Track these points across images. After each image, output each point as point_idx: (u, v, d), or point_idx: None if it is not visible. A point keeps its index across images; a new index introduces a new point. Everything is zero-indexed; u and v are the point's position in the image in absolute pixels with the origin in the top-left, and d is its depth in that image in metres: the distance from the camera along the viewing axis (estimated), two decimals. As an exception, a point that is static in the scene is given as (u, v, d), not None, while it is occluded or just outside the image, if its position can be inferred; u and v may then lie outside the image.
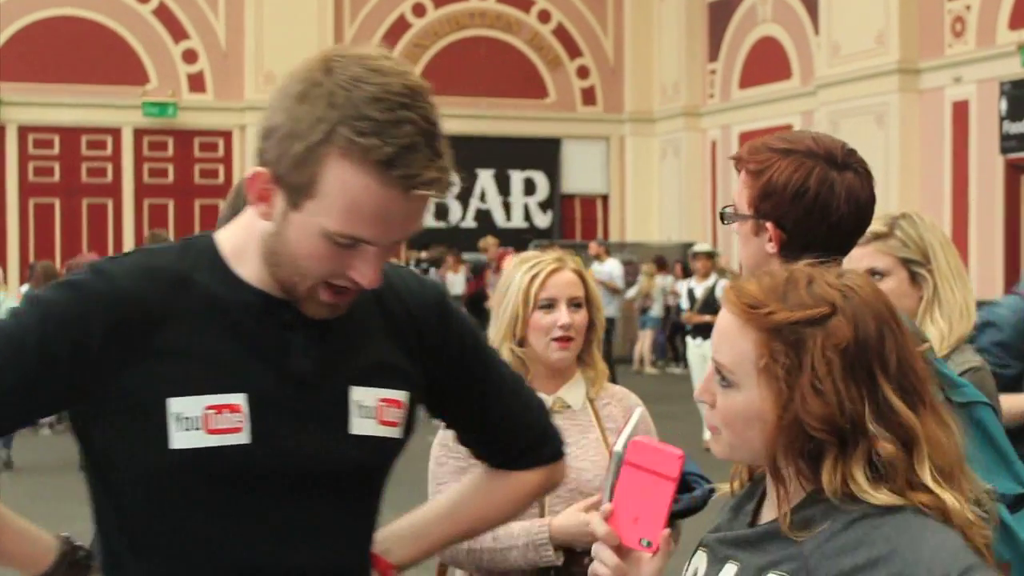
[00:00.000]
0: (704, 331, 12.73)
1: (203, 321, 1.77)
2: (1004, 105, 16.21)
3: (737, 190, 2.39)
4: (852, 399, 1.60)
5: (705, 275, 13.94)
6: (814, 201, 2.27)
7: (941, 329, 3.07)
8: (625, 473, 1.71)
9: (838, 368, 1.60)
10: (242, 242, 1.82)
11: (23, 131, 21.63)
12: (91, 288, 1.75)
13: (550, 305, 3.04)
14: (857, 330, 1.62)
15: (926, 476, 1.61)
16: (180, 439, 1.72)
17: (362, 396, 1.85)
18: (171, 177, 22.34)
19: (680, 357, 18.53)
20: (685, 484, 2.88)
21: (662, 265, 20.32)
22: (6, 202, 21.63)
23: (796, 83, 20.47)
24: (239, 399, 1.76)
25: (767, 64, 21.22)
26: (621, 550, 1.70)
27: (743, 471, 1.83)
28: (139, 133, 22.16)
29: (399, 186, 1.66)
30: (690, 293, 14.12)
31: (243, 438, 1.75)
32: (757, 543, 1.68)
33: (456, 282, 18.80)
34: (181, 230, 22.05)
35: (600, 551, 1.70)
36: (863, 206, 2.33)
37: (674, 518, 2.86)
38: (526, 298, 3.04)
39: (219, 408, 1.74)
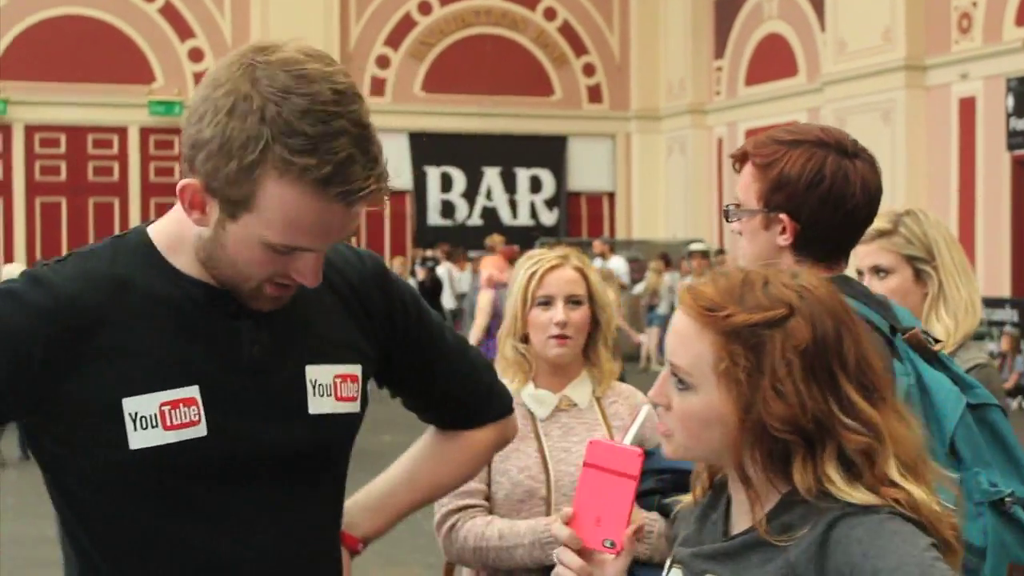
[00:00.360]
0: None
1: (147, 319, 1.75)
2: (1011, 101, 16.19)
3: (742, 186, 2.37)
4: (814, 399, 1.59)
5: (701, 275, 13.63)
6: (829, 190, 2.27)
7: (947, 326, 3.06)
8: (585, 475, 1.71)
9: (798, 369, 1.59)
10: (176, 234, 1.80)
11: (29, 130, 21.67)
12: (29, 299, 1.72)
13: (547, 302, 3.03)
14: (815, 330, 1.61)
15: (892, 471, 1.61)
16: (138, 439, 1.71)
17: (317, 374, 1.85)
18: (177, 176, 22.25)
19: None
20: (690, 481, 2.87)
21: (668, 262, 20.31)
22: (13, 201, 21.67)
23: (802, 80, 20.45)
24: (193, 392, 1.74)
25: (773, 61, 21.20)
26: (584, 552, 1.70)
27: (704, 476, 1.80)
28: (145, 132, 22.20)
29: (338, 201, 1.65)
30: None
31: (201, 431, 1.73)
32: (736, 555, 1.66)
33: (463, 279, 18.81)
34: (187, 229, 22.09)
35: (563, 554, 1.70)
36: (874, 195, 2.33)
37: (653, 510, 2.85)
38: (524, 295, 3.05)
39: (174, 403, 1.72)
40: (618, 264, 19.16)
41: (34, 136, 21.72)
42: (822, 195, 2.27)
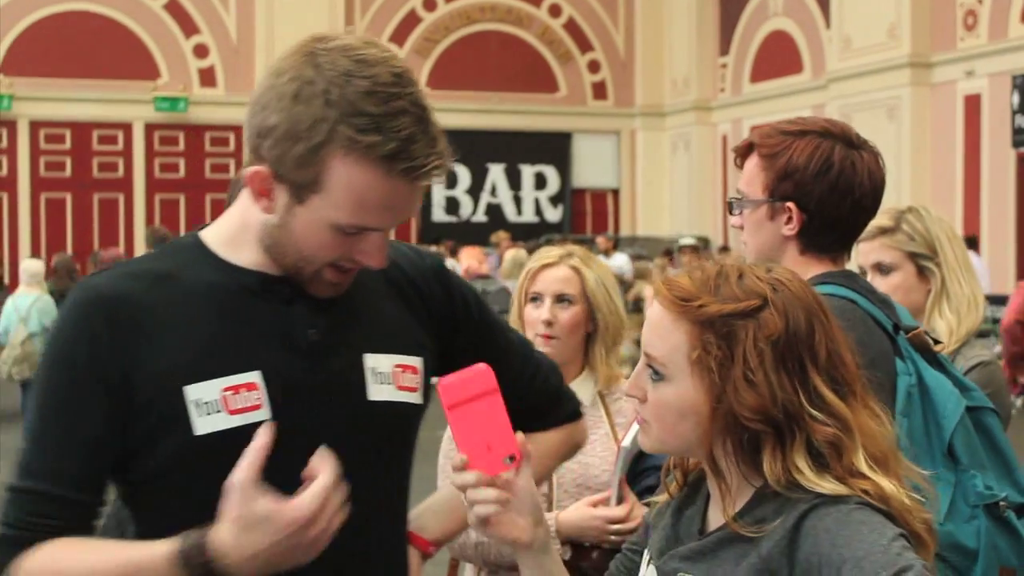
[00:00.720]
0: None
1: (201, 308, 1.78)
2: (1016, 99, 16.17)
3: (746, 178, 2.38)
4: (784, 389, 1.61)
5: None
6: (838, 178, 2.28)
7: (950, 322, 3.06)
8: (452, 417, 1.70)
9: (769, 359, 1.61)
10: (233, 233, 1.85)
11: (35, 126, 21.69)
12: (80, 302, 1.78)
13: (537, 299, 3.01)
14: (788, 322, 1.63)
15: (861, 464, 1.62)
16: (203, 424, 1.74)
17: (376, 362, 1.86)
18: (182, 172, 22.38)
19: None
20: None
21: (672, 258, 20.29)
22: (18, 197, 21.69)
23: (807, 77, 20.44)
24: (254, 377, 1.76)
25: (778, 58, 21.19)
26: (493, 483, 1.70)
27: (677, 473, 1.81)
28: (150, 128, 22.21)
29: (404, 178, 1.70)
30: None
31: (264, 414, 1.75)
32: (709, 553, 1.67)
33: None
34: (192, 224, 22.08)
35: (474, 493, 1.69)
36: (879, 186, 2.34)
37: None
38: (520, 292, 3.04)
39: (236, 388, 1.75)
40: (621, 260, 19.16)
41: (39, 132, 21.74)
42: (831, 183, 2.29)
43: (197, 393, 1.74)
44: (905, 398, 2.25)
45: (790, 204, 2.31)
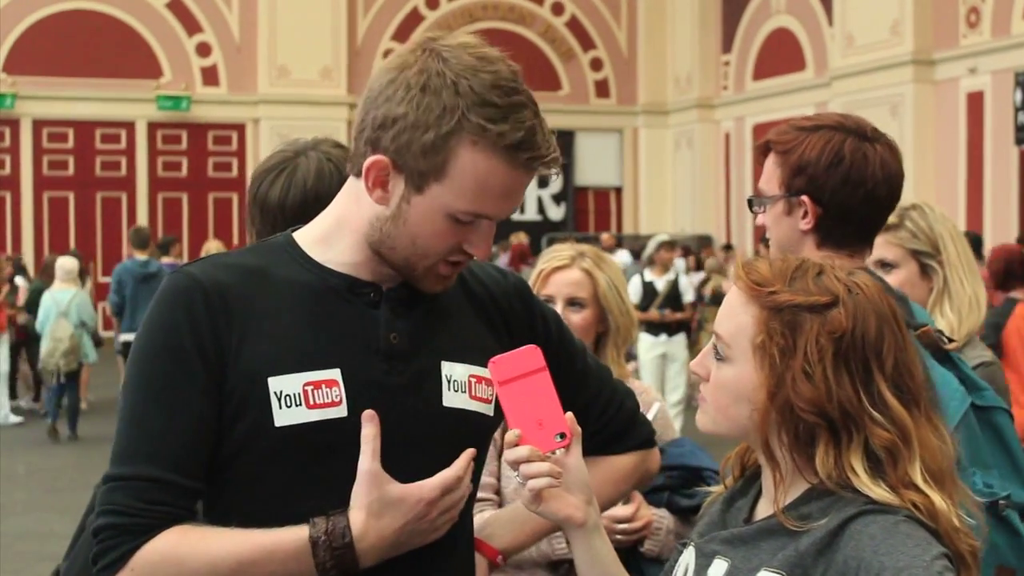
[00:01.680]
0: (666, 329, 12.07)
1: (289, 305, 1.83)
2: (1019, 96, 16.16)
3: (764, 176, 2.40)
4: (843, 387, 1.63)
5: (665, 268, 12.53)
6: (849, 169, 2.30)
7: (951, 321, 3.05)
8: (503, 392, 1.75)
9: (830, 356, 1.64)
10: (326, 232, 1.90)
11: (37, 125, 21.71)
12: (179, 288, 1.81)
13: (549, 303, 2.98)
14: (855, 324, 1.65)
15: (916, 476, 1.63)
16: (283, 416, 1.77)
17: (452, 370, 1.89)
18: (185, 170, 22.40)
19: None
20: (700, 478, 2.87)
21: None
22: (21, 196, 21.71)
23: (810, 74, 20.43)
24: (335, 374, 1.80)
25: (781, 55, 21.18)
26: (545, 459, 1.73)
27: (735, 467, 1.84)
28: (153, 127, 22.23)
29: (526, 167, 1.80)
30: (648, 286, 12.33)
31: (342, 411, 1.79)
32: (750, 540, 1.69)
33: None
34: (195, 223, 22.12)
35: (528, 468, 1.72)
36: (894, 178, 2.36)
37: (687, 513, 2.85)
38: None
39: (317, 384, 1.79)
40: (624, 257, 19.16)
41: (42, 131, 21.76)
42: (842, 175, 2.30)
43: (279, 385, 1.78)
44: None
45: (804, 198, 2.33)
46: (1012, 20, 16.48)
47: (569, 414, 1.76)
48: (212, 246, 13.82)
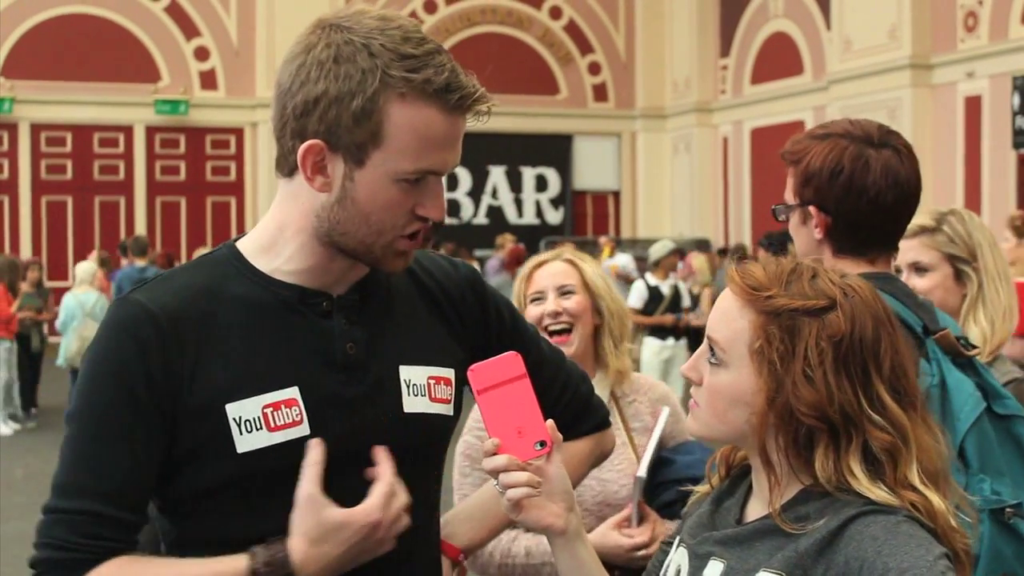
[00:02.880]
0: (674, 332, 12.04)
1: (240, 325, 1.78)
2: (1017, 100, 16.16)
3: (788, 184, 2.41)
4: (842, 390, 1.63)
5: (667, 274, 12.56)
6: (850, 179, 2.30)
7: (984, 329, 3.00)
8: (482, 401, 1.73)
9: (830, 359, 1.63)
10: (270, 240, 1.84)
11: (35, 129, 21.70)
12: (126, 317, 1.76)
13: (540, 298, 2.98)
14: (853, 327, 1.65)
15: (914, 477, 1.63)
16: (245, 442, 1.74)
17: (411, 374, 1.87)
18: (183, 174, 22.38)
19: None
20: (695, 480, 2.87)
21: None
22: (19, 200, 21.69)
23: (808, 78, 20.44)
24: (293, 393, 1.77)
25: (779, 59, 21.18)
26: (524, 468, 1.72)
27: (720, 466, 1.84)
28: (151, 131, 22.22)
29: (459, 108, 1.75)
30: (654, 290, 12.30)
31: (304, 430, 1.76)
32: (744, 541, 1.68)
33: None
34: (193, 227, 22.11)
35: (507, 477, 1.71)
36: (902, 182, 2.33)
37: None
38: (518, 298, 3.00)
39: (276, 405, 1.75)
40: (625, 260, 19.16)
41: (40, 135, 21.75)
42: (843, 184, 2.30)
43: (238, 411, 1.74)
44: (924, 398, 2.25)
45: (811, 208, 2.34)
46: (1010, 24, 16.49)
47: (550, 422, 1.74)
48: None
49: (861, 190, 2.30)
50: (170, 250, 19.95)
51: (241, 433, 1.74)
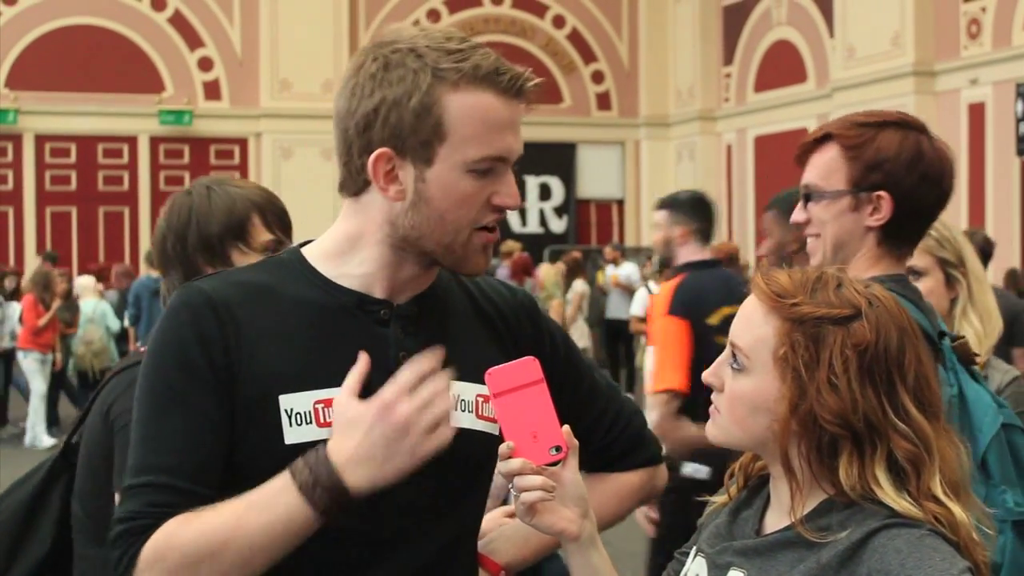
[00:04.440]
0: None
1: (298, 323, 1.82)
2: (1020, 107, 16.15)
3: (823, 170, 2.36)
4: (867, 399, 1.62)
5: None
6: (928, 168, 2.31)
7: (977, 329, 3.04)
8: (498, 404, 1.73)
9: (855, 368, 1.63)
10: (339, 247, 1.88)
11: (40, 140, 21.73)
12: (189, 303, 1.81)
13: None
14: (878, 336, 1.64)
15: (937, 488, 1.63)
16: (293, 434, 1.77)
17: (461, 390, 1.87)
18: (187, 185, 22.33)
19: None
20: None
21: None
22: (23, 210, 21.72)
23: (811, 86, 20.44)
24: None
25: (782, 67, 21.19)
26: (539, 472, 1.72)
27: (739, 477, 1.83)
28: (155, 141, 22.25)
29: (512, 91, 1.80)
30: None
31: None
32: (765, 553, 1.68)
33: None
34: (197, 237, 22.10)
35: (521, 481, 1.70)
36: (951, 180, 2.39)
37: None
38: None
39: (327, 402, 1.78)
40: (630, 270, 19.13)
41: (44, 145, 21.78)
42: (921, 173, 2.31)
43: (290, 403, 1.78)
44: (945, 409, 2.24)
45: (881, 193, 2.31)
46: (1013, 31, 16.49)
47: (566, 427, 1.75)
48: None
49: (936, 180, 2.32)
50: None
51: (291, 425, 1.77)
